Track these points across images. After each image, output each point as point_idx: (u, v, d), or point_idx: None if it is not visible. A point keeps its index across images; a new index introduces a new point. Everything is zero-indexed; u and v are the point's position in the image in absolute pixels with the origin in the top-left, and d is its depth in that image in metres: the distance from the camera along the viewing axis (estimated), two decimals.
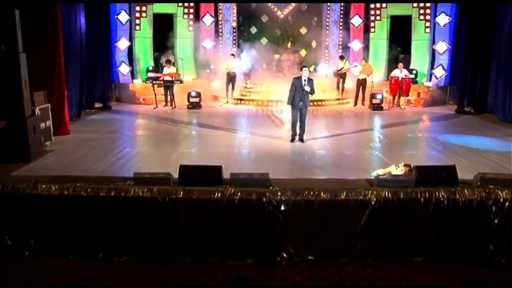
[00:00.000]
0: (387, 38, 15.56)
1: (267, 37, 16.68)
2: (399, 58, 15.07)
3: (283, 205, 5.33)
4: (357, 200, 5.34)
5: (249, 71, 15.17)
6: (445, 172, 5.77)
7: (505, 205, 5.32)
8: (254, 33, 16.73)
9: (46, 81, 8.79)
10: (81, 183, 5.53)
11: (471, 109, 12.78)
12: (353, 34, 15.90)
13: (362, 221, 5.34)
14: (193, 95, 13.06)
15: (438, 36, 14.36)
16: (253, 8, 16.57)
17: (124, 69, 14.66)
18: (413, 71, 14.51)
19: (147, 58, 15.25)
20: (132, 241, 5.42)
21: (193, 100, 13.03)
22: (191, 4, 15.43)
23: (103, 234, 5.43)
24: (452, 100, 14.10)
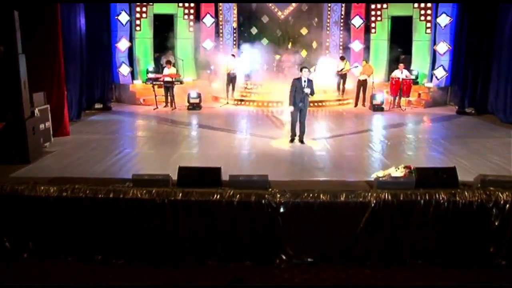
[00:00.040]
0: (387, 38, 15.56)
1: (267, 38, 16.66)
2: (399, 58, 15.10)
3: (282, 207, 5.30)
4: (357, 202, 5.31)
5: (250, 72, 15.15)
6: (445, 174, 5.73)
7: (506, 207, 5.28)
8: (255, 34, 16.72)
9: (45, 81, 8.77)
10: (80, 185, 5.50)
11: (472, 110, 12.75)
12: (353, 34, 15.91)
13: (361, 223, 5.31)
14: (193, 96, 13.05)
15: (439, 37, 14.34)
16: (253, 9, 16.56)
17: (124, 69, 14.66)
18: (413, 71, 14.48)
19: (147, 59, 15.26)
20: (131, 243, 5.39)
21: (193, 101, 13.03)
22: (192, 5, 15.44)
23: (102, 236, 5.41)
24: (453, 101, 14.06)
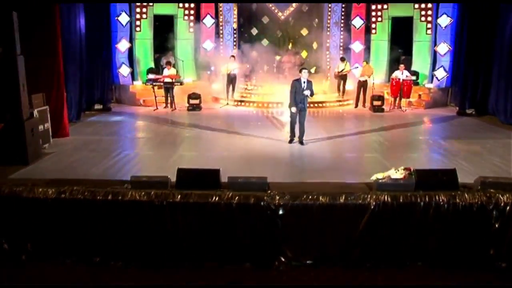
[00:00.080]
0: (388, 39, 15.54)
1: (268, 39, 16.59)
2: (400, 59, 15.06)
3: (281, 209, 5.28)
4: (356, 204, 5.30)
5: (249, 72, 15.11)
6: (445, 176, 5.72)
7: (506, 210, 5.26)
8: (255, 35, 16.68)
9: (45, 82, 8.75)
10: (78, 187, 5.49)
11: (472, 111, 12.71)
12: (354, 35, 15.88)
13: (361, 226, 5.29)
14: (193, 96, 13.04)
15: (440, 38, 14.30)
16: (254, 10, 16.52)
17: (124, 70, 14.65)
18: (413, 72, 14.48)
19: (147, 60, 15.25)
20: (129, 244, 5.38)
21: (193, 101, 13.02)
22: (192, 5, 15.41)
23: (100, 238, 5.40)
24: (453, 102, 14.03)
